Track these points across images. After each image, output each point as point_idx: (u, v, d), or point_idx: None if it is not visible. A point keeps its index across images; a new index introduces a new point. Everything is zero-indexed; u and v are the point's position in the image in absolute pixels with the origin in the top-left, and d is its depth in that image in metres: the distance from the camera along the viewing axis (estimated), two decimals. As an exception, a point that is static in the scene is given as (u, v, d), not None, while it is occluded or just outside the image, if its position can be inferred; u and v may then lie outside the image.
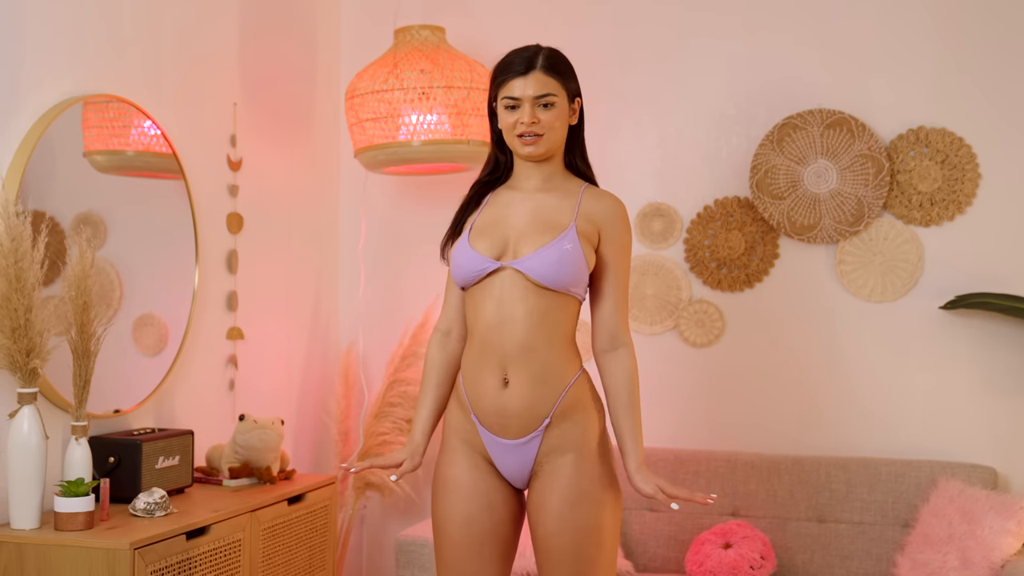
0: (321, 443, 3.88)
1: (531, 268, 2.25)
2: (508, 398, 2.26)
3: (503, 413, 2.27)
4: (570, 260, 2.25)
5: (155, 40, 2.99)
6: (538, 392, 2.25)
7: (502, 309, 2.27)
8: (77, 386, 2.47)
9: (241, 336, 3.36)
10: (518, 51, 2.32)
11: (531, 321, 2.25)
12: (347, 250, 4.02)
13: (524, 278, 2.26)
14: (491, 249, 2.29)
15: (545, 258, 2.25)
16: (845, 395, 3.52)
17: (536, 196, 2.34)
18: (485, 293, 2.29)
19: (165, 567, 2.33)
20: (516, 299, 2.26)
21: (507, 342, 2.26)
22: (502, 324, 2.26)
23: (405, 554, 3.19)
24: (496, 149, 2.42)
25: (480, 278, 2.29)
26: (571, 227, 2.28)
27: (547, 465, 2.28)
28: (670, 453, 3.51)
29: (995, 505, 3.10)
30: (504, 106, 2.30)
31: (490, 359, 2.28)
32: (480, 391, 2.29)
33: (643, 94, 3.72)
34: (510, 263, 2.27)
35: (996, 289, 3.38)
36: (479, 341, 2.30)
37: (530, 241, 2.28)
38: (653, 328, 3.69)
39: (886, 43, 3.50)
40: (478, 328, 2.31)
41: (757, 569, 3.16)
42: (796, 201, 3.54)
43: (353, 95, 3.44)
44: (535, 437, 2.27)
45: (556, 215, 2.31)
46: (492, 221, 2.34)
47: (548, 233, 2.28)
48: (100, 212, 2.77)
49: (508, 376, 2.26)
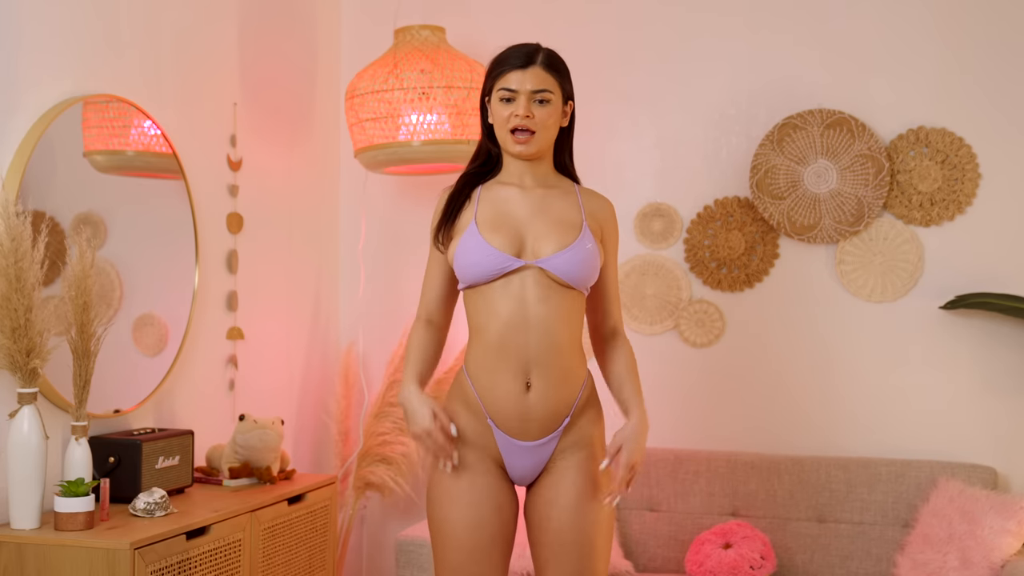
0: (321, 443, 3.88)
1: (557, 267, 2.24)
2: (531, 402, 2.25)
3: (525, 417, 2.26)
4: (593, 259, 2.29)
5: (155, 40, 2.99)
6: (560, 394, 2.26)
7: (526, 309, 2.24)
8: (77, 386, 2.47)
9: (241, 336, 3.36)
10: (517, 46, 2.32)
11: (556, 321, 2.25)
12: (347, 250, 4.02)
13: (547, 277, 2.25)
14: (508, 246, 2.26)
15: (571, 257, 2.25)
16: (845, 395, 3.52)
17: (536, 193, 2.34)
18: (502, 292, 2.25)
19: (165, 567, 2.33)
20: (539, 299, 2.24)
21: (532, 343, 2.24)
22: (526, 325, 2.24)
23: (405, 554, 3.19)
24: (488, 141, 2.39)
25: (498, 276, 2.27)
26: (585, 226, 2.30)
27: (560, 462, 2.29)
28: (670, 453, 3.51)
29: (995, 505, 3.10)
30: (499, 98, 2.29)
31: (510, 362, 2.25)
32: (498, 395, 2.26)
33: (643, 94, 3.72)
34: (535, 262, 2.25)
35: (996, 289, 3.38)
36: (496, 342, 2.26)
37: (550, 239, 2.27)
38: (653, 328, 3.69)
39: (886, 43, 3.50)
40: (493, 328, 2.26)
41: (757, 569, 3.16)
42: (796, 201, 3.54)
43: (353, 95, 3.44)
44: (554, 437, 2.27)
45: (566, 213, 2.31)
46: (499, 217, 2.30)
47: (568, 232, 2.28)
48: (100, 212, 2.77)
49: (531, 380, 2.25)
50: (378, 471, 3.68)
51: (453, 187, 2.39)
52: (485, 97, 2.36)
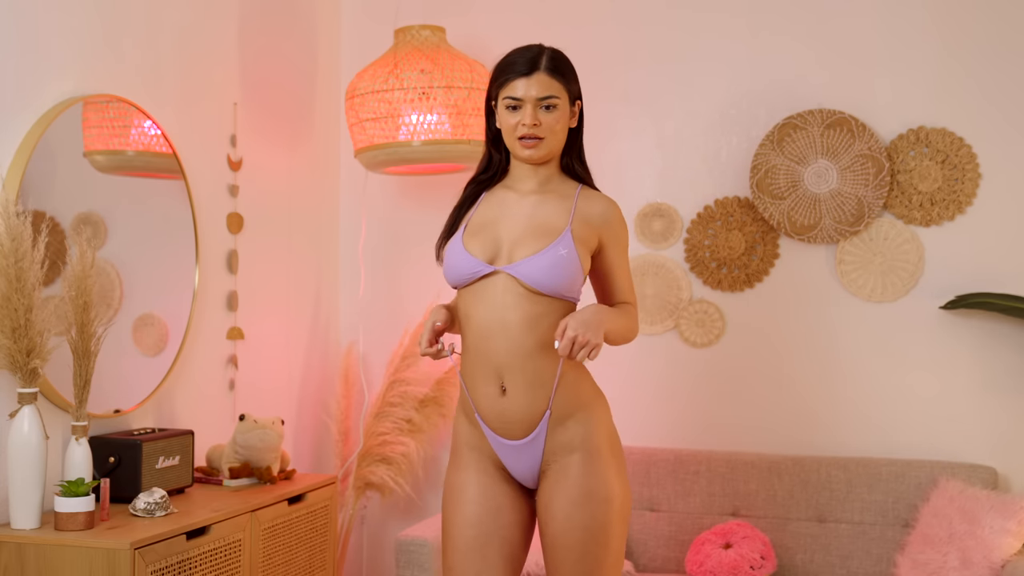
0: (321, 443, 3.88)
1: (525, 273, 2.23)
2: (507, 404, 2.26)
3: (504, 417, 2.28)
4: (565, 265, 2.24)
5: (155, 40, 2.99)
6: (534, 395, 2.26)
7: (494, 315, 2.25)
8: (77, 386, 2.47)
9: (241, 336, 3.36)
10: (521, 50, 2.30)
11: (524, 328, 2.24)
12: (347, 250, 4.02)
13: (518, 283, 2.24)
14: (483, 251, 2.27)
15: (539, 263, 2.23)
16: (845, 395, 3.52)
17: (531, 198, 2.33)
18: (477, 297, 2.27)
19: (165, 567, 2.33)
20: (509, 305, 2.24)
21: (500, 350, 2.24)
22: (494, 331, 2.24)
23: (405, 554, 3.19)
24: (491, 147, 2.39)
25: (472, 280, 2.28)
26: (566, 231, 2.27)
27: (555, 464, 2.28)
28: (670, 453, 3.51)
29: (995, 505, 3.10)
30: (505, 106, 2.28)
31: (484, 366, 2.27)
32: (479, 396, 2.29)
33: (643, 94, 3.72)
34: (504, 268, 2.25)
35: (996, 289, 3.38)
36: (472, 347, 2.29)
37: (524, 245, 2.26)
38: (653, 328, 3.69)
39: (886, 43, 3.50)
40: (470, 332, 2.30)
41: (757, 569, 3.16)
42: (796, 201, 3.54)
43: (353, 95, 3.44)
44: (538, 434, 2.27)
45: (551, 219, 2.30)
46: (485, 222, 2.32)
47: (543, 238, 2.26)
48: (100, 212, 2.77)
49: (505, 384, 2.26)
50: (378, 471, 3.68)
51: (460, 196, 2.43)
52: (491, 102, 2.35)
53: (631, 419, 3.56)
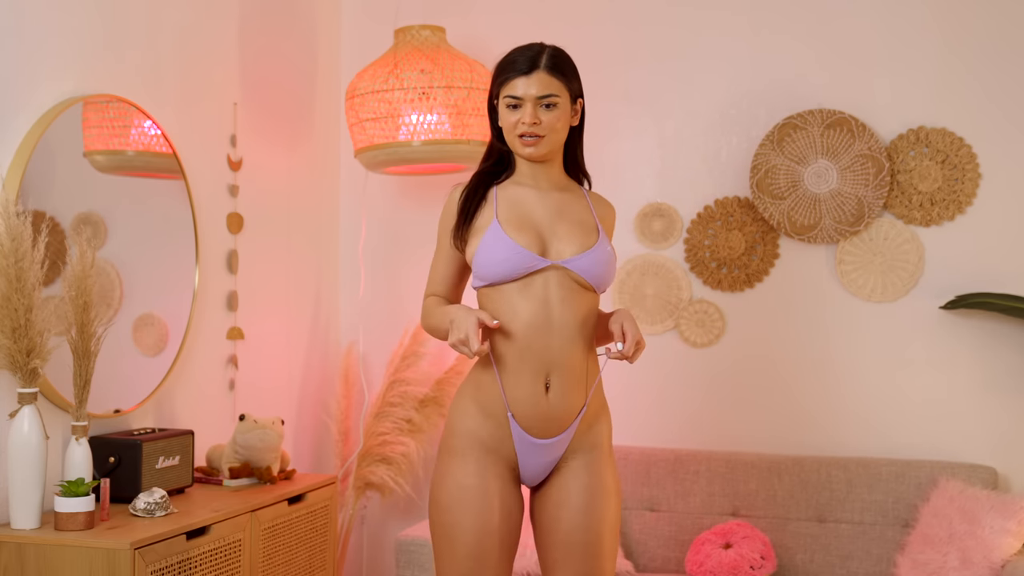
0: (321, 443, 3.88)
1: (583, 268, 2.24)
2: (551, 402, 2.24)
3: (544, 415, 2.25)
4: (612, 261, 2.31)
5: (155, 40, 2.99)
6: (574, 392, 2.27)
7: (549, 311, 2.23)
8: (77, 386, 2.47)
9: (241, 336, 3.36)
10: (522, 49, 2.30)
11: (577, 324, 2.24)
12: (347, 250, 4.02)
13: (571, 279, 2.24)
14: (533, 246, 2.25)
15: (596, 259, 2.25)
16: (845, 395, 3.52)
17: (553, 195, 2.33)
18: (525, 292, 2.23)
19: (165, 567, 2.33)
20: (562, 300, 2.24)
21: (553, 345, 2.23)
22: (549, 327, 2.22)
23: (405, 554, 3.19)
24: (498, 142, 2.38)
25: (522, 276, 2.24)
26: (601, 229, 2.31)
27: (571, 461, 2.29)
28: (670, 453, 3.51)
29: (995, 505, 3.10)
30: (506, 105, 2.28)
31: (531, 363, 2.23)
32: (520, 395, 2.24)
33: (643, 94, 3.72)
34: (561, 262, 2.24)
35: (996, 289, 3.38)
36: (518, 343, 2.23)
37: (571, 241, 2.26)
38: (653, 328, 3.69)
39: (887, 43, 3.50)
40: (515, 329, 2.23)
41: (757, 569, 3.16)
42: (796, 201, 3.54)
43: (353, 95, 3.44)
44: (569, 433, 2.28)
45: (583, 216, 2.32)
46: (520, 217, 2.28)
47: (588, 234, 2.28)
48: (100, 212, 2.77)
49: (550, 380, 2.24)
50: (378, 471, 3.68)
51: (467, 185, 2.35)
52: (494, 100, 2.35)
53: (631, 419, 3.57)
